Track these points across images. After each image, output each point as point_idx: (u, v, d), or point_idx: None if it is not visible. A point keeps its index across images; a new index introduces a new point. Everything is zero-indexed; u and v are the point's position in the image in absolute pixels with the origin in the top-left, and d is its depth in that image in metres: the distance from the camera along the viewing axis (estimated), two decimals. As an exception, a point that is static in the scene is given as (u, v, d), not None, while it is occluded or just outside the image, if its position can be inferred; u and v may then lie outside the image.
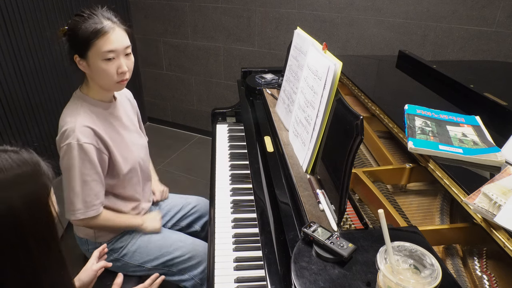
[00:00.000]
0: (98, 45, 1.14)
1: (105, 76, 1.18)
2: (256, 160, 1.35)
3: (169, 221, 1.59)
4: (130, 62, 1.22)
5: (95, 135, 1.19)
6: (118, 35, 1.17)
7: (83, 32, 1.13)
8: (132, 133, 1.38)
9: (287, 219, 0.98)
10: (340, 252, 0.74)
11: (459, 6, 2.19)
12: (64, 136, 1.16)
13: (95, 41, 1.13)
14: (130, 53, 1.22)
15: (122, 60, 1.19)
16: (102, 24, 1.14)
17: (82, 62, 1.18)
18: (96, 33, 1.13)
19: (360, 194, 1.08)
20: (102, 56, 1.15)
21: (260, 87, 1.71)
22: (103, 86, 1.23)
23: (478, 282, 0.82)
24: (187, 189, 2.71)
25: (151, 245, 1.39)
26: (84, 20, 1.14)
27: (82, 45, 1.14)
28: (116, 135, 1.29)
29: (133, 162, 1.33)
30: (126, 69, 1.20)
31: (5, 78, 2.24)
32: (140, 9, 3.15)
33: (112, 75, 1.18)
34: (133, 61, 1.24)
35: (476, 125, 1.11)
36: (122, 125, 1.33)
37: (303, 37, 1.33)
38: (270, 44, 2.81)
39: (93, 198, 1.22)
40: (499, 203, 0.76)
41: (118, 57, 1.18)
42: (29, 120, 2.47)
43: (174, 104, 3.49)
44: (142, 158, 1.40)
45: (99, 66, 1.16)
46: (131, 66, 1.23)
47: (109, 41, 1.15)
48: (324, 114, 1.04)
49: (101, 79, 1.20)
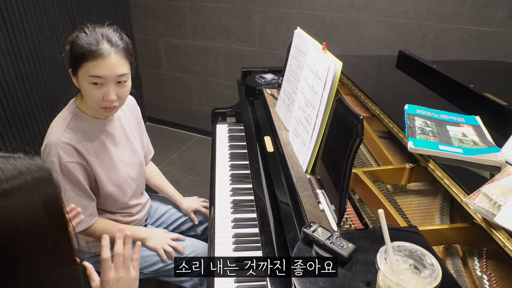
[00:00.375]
0: (86, 67, 1.08)
1: (90, 100, 1.14)
2: (256, 160, 1.35)
3: (170, 225, 1.58)
4: (123, 91, 1.15)
5: (77, 153, 1.16)
6: (113, 62, 1.09)
7: (77, 49, 1.09)
8: (124, 150, 1.33)
9: (287, 219, 0.98)
10: (340, 252, 0.74)
11: (459, 6, 2.19)
12: (46, 151, 1.14)
13: (85, 62, 1.08)
14: (124, 81, 1.14)
15: (112, 88, 1.11)
16: (98, 46, 1.08)
17: (74, 77, 1.15)
18: (87, 54, 1.07)
19: (360, 194, 1.08)
20: (89, 79, 1.09)
21: (260, 87, 1.71)
22: (89, 107, 1.19)
23: (478, 282, 0.82)
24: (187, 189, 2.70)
25: (147, 252, 1.37)
26: (84, 36, 1.10)
27: (75, 62, 1.10)
28: (104, 153, 1.25)
29: (120, 182, 1.30)
30: (113, 98, 1.12)
31: (5, 78, 2.24)
32: (140, 9, 3.15)
33: (97, 101, 1.13)
34: (128, 90, 1.17)
35: (476, 125, 1.11)
36: (113, 142, 1.29)
37: (303, 37, 1.33)
38: (270, 44, 2.81)
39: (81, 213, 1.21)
40: (499, 203, 0.76)
41: (107, 84, 1.11)
42: (29, 120, 2.46)
43: (174, 104, 3.49)
44: (133, 177, 1.35)
45: (85, 88, 1.12)
46: (123, 95, 1.15)
47: (98, 67, 1.08)
48: (324, 114, 1.04)
49: (87, 101, 1.16)
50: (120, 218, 1.38)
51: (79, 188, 1.20)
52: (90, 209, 1.25)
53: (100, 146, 1.24)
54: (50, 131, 1.17)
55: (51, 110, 2.59)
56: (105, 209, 1.35)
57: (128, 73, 1.16)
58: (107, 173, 1.26)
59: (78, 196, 1.20)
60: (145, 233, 1.38)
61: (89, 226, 1.25)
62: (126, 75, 1.15)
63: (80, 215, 1.13)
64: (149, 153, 1.56)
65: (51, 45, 2.48)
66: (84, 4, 2.70)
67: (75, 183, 1.18)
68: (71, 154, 1.15)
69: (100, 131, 1.25)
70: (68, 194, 1.17)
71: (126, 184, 1.33)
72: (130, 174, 1.35)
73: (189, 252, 1.39)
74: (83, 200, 1.22)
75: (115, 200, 1.32)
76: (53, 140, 1.14)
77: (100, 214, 1.32)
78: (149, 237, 1.37)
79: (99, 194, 1.28)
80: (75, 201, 1.19)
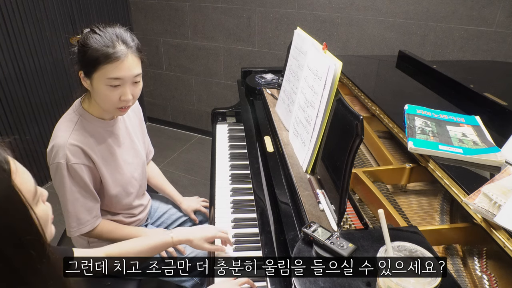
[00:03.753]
0: (104, 70, 1.07)
1: (106, 101, 1.13)
2: (256, 160, 1.35)
3: (171, 224, 1.58)
4: (137, 90, 1.16)
5: (84, 154, 1.16)
6: (130, 62, 1.09)
7: (92, 52, 1.06)
8: (128, 150, 1.33)
9: (287, 219, 0.98)
10: (340, 252, 0.74)
11: (459, 6, 2.19)
12: (53, 153, 1.13)
13: (103, 65, 1.06)
14: (139, 81, 1.15)
15: (128, 88, 1.12)
16: (115, 48, 1.07)
17: (86, 80, 1.12)
18: (106, 57, 1.06)
19: (360, 194, 1.08)
20: (107, 82, 1.08)
21: (260, 87, 1.71)
22: (103, 108, 1.18)
23: (478, 282, 0.82)
24: (187, 189, 2.71)
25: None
26: (98, 38, 1.07)
27: (90, 65, 1.08)
28: (109, 154, 1.25)
29: (124, 183, 1.30)
30: (130, 97, 1.13)
31: (5, 78, 2.24)
32: (140, 9, 3.15)
33: (114, 102, 1.13)
34: (141, 88, 1.18)
35: (476, 125, 1.11)
36: (118, 143, 1.28)
37: (303, 37, 1.33)
38: (270, 44, 2.81)
39: (86, 215, 1.20)
40: (499, 203, 0.76)
41: (124, 85, 1.11)
42: (29, 120, 2.47)
43: (174, 104, 3.49)
44: (136, 177, 1.36)
45: (101, 90, 1.10)
46: (137, 93, 1.16)
47: (118, 69, 1.07)
48: (324, 114, 1.04)
49: (101, 102, 1.15)
50: (123, 219, 1.38)
51: (85, 190, 1.19)
52: (95, 211, 1.25)
53: (105, 147, 1.24)
54: (57, 133, 1.16)
55: (51, 110, 2.59)
56: (108, 210, 1.35)
57: (141, 72, 1.16)
58: (112, 174, 1.26)
59: (84, 198, 1.20)
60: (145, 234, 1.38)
61: (93, 228, 1.25)
62: (140, 75, 1.15)
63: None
64: (150, 152, 1.56)
65: (51, 45, 2.48)
66: (84, 4, 2.70)
67: (82, 185, 1.18)
68: (78, 155, 1.15)
69: (105, 132, 1.24)
70: (74, 196, 1.17)
71: (130, 184, 1.33)
72: (134, 174, 1.35)
73: (189, 252, 1.39)
74: (89, 202, 1.21)
75: (119, 201, 1.32)
76: (60, 142, 1.13)
77: (102, 215, 1.32)
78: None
79: (103, 195, 1.28)
80: (81, 203, 1.19)
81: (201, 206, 1.58)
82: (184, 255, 1.38)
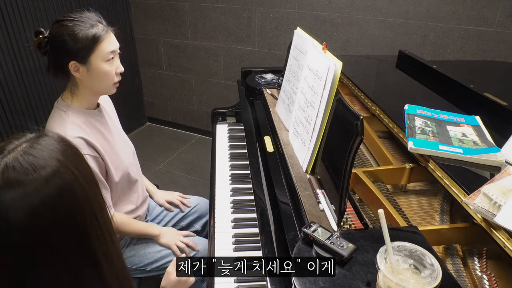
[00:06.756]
0: (101, 47, 1.15)
1: (106, 78, 1.19)
2: (256, 160, 1.35)
3: (170, 221, 1.59)
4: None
5: (88, 145, 1.17)
6: (113, 36, 1.20)
7: (84, 36, 1.12)
8: (119, 138, 1.36)
9: (287, 219, 0.98)
10: (340, 252, 0.74)
11: (459, 6, 2.19)
12: None
13: (99, 43, 1.14)
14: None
15: (118, 61, 1.22)
16: (99, 27, 1.15)
17: (81, 68, 1.15)
18: (99, 36, 1.14)
19: (360, 194, 1.08)
20: (105, 57, 1.16)
21: (260, 87, 1.71)
22: (99, 90, 1.23)
23: (478, 282, 0.82)
24: (187, 189, 2.71)
25: (150, 249, 1.38)
26: (79, 24, 1.13)
27: (85, 49, 1.13)
28: (106, 143, 1.26)
29: (124, 169, 1.32)
30: (123, 68, 1.23)
31: (5, 78, 2.24)
32: (140, 9, 3.15)
33: (113, 76, 1.20)
34: None
35: (476, 125, 1.11)
36: (108, 130, 1.31)
37: (303, 37, 1.33)
38: (270, 44, 2.81)
39: None
40: (499, 203, 0.76)
41: (116, 58, 1.21)
42: (29, 120, 2.46)
43: (174, 104, 3.49)
44: (131, 162, 1.39)
45: (102, 68, 1.17)
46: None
47: (110, 43, 1.17)
48: (324, 114, 1.04)
49: (101, 82, 1.19)
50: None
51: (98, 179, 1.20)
52: (108, 200, 1.26)
53: (100, 136, 1.26)
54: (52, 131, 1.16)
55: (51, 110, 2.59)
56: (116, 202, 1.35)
57: None
58: (113, 161, 1.28)
59: None
60: (158, 230, 1.40)
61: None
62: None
63: None
64: None
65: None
66: (84, 4, 2.69)
67: None
68: (83, 147, 1.16)
69: (96, 121, 1.26)
70: None
71: (129, 169, 1.35)
72: (130, 160, 1.38)
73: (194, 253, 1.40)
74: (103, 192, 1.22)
75: (122, 188, 1.34)
76: None
77: None
78: (162, 234, 1.39)
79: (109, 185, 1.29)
80: None
81: (175, 198, 1.60)
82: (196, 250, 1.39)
